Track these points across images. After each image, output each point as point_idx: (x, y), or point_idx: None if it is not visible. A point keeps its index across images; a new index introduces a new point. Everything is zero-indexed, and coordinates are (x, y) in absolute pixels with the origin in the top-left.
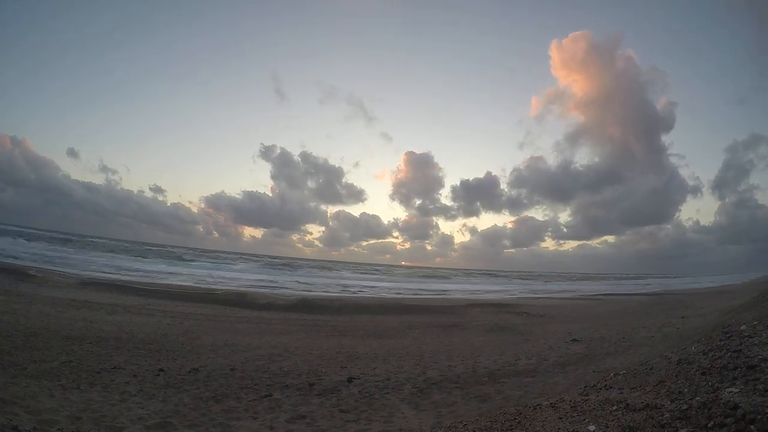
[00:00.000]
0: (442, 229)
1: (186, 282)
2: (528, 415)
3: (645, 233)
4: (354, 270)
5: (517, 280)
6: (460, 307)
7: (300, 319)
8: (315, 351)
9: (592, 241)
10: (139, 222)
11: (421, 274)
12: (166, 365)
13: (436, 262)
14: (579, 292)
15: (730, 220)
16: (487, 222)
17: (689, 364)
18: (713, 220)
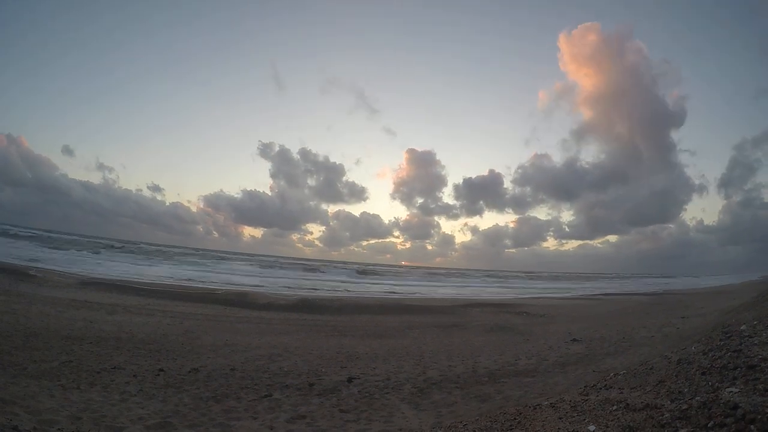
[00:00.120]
0: (444, 228)
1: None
2: (528, 415)
3: (648, 233)
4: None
5: (514, 280)
6: (460, 307)
7: (300, 319)
8: (315, 351)
9: (594, 240)
10: (139, 222)
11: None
12: (166, 365)
13: (436, 262)
14: (579, 291)
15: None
16: (490, 221)
17: (689, 364)
18: (717, 219)
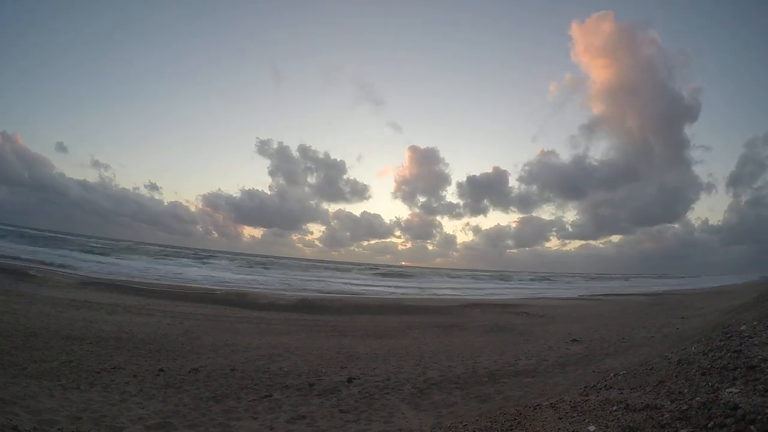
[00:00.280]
0: (447, 228)
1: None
2: (528, 416)
3: (653, 233)
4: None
5: (516, 281)
6: (460, 307)
7: (300, 320)
8: (315, 351)
9: (596, 240)
10: (138, 222)
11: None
12: (166, 365)
13: (437, 262)
14: (579, 291)
15: (739, 219)
16: (494, 221)
17: (689, 364)
18: (722, 218)
